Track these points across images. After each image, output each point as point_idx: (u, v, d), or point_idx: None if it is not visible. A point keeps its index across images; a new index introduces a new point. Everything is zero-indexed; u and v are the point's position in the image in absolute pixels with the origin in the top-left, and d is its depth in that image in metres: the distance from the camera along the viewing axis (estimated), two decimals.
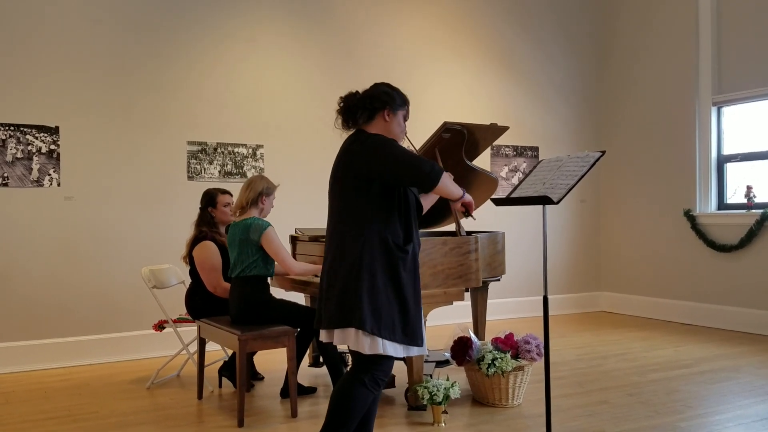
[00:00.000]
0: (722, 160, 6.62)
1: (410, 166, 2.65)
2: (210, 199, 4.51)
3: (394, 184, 2.70)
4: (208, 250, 4.35)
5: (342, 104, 2.83)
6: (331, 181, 2.81)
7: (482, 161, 6.59)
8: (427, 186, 2.70)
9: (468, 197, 2.90)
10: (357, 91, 2.85)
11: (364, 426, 2.84)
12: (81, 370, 5.06)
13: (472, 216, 3.02)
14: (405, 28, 6.68)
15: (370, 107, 2.79)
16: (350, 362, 3.55)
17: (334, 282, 2.68)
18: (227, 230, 4.46)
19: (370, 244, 2.62)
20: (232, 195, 4.54)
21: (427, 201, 3.08)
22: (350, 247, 2.64)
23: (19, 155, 5.05)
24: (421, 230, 4.87)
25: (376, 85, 2.88)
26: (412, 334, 2.67)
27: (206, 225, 4.46)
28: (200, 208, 4.53)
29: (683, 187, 6.79)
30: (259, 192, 3.99)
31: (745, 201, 6.29)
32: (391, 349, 2.64)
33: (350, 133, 2.85)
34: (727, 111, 6.61)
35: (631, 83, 7.39)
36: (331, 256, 2.73)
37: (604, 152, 3.13)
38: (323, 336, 2.75)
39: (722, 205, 6.62)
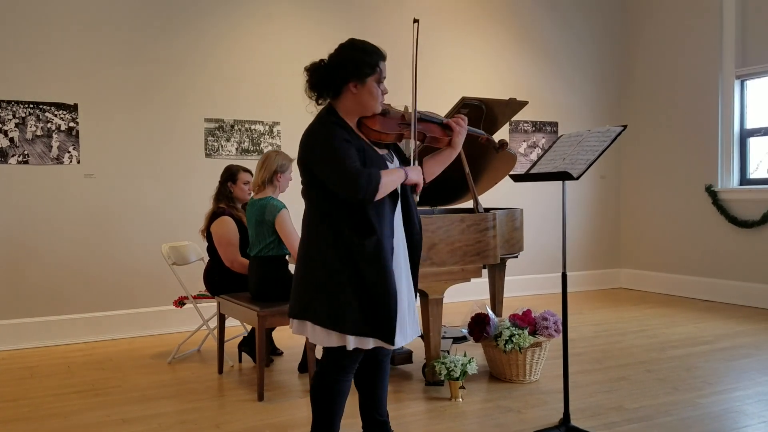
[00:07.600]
0: (745, 135, 6.50)
1: (343, 181, 2.35)
2: (231, 175, 4.52)
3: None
4: (226, 226, 4.37)
5: (307, 78, 2.54)
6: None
7: (501, 137, 6.53)
8: (362, 202, 2.39)
9: (411, 177, 2.52)
10: (322, 61, 2.52)
11: (375, 401, 2.74)
12: (103, 345, 5.14)
13: (416, 194, 2.62)
14: (423, 1, 6.59)
15: (333, 84, 2.48)
16: None
17: (296, 272, 2.57)
18: (244, 207, 4.49)
19: (326, 234, 2.44)
20: (252, 174, 4.55)
21: (436, 166, 2.71)
22: (309, 238, 2.50)
23: (38, 133, 5.09)
24: (438, 207, 4.87)
25: (340, 48, 2.52)
26: (376, 326, 2.42)
27: (224, 200, 4.48)
28: (220, 183, 4.55)
29: (705, 161, 6.69)
30: (274, 170, 3.98)
31: None
32: (352, 341, 2.43)
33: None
34: (751, 84, 6.47)
35: (653, 56, 7.25)
36: (300, 245, 2.59)
37: (625, 127, 3.08)
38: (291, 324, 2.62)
39: (745, 180, 6.52)
